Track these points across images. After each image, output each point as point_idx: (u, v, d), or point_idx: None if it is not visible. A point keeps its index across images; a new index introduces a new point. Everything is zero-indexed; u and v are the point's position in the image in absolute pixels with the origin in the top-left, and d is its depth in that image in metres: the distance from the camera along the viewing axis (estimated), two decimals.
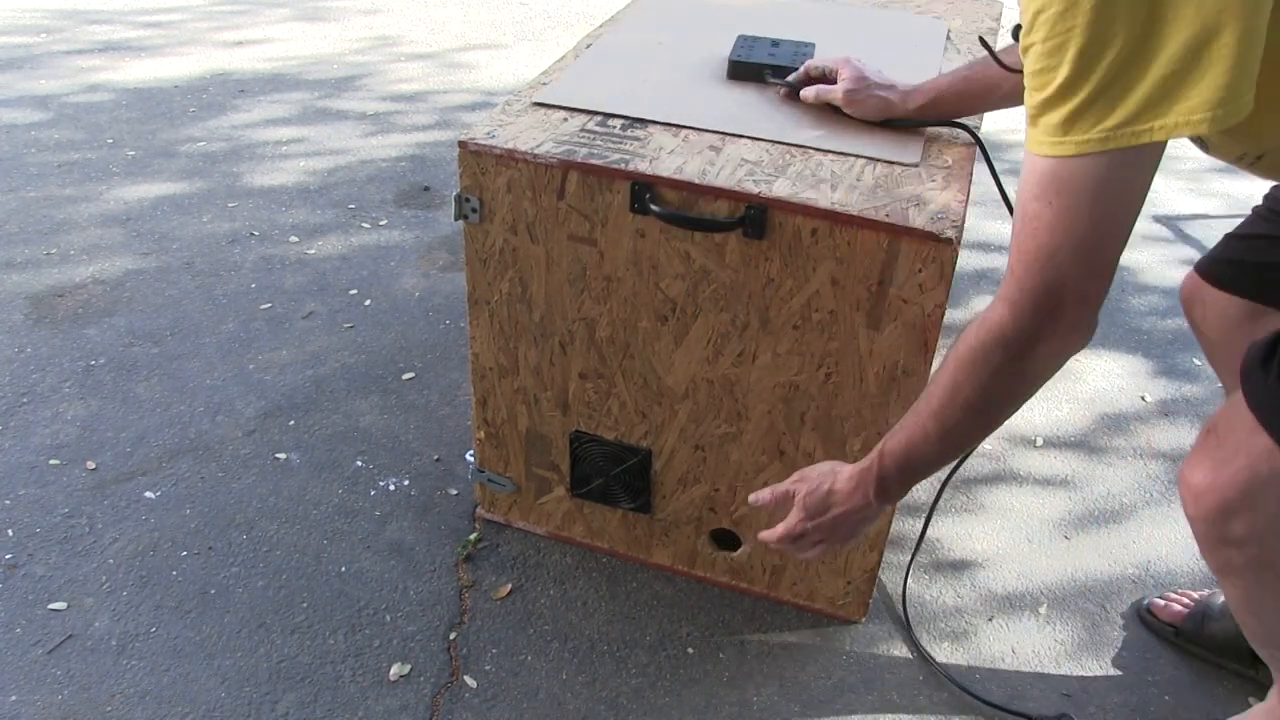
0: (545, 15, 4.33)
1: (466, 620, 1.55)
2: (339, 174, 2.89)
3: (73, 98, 3.29)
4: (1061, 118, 0.82)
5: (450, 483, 1.81)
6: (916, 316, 1.25)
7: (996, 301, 0.96)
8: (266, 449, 1.87)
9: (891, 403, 1.32)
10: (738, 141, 1.36)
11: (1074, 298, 0.90)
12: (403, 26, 4.13)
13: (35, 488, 1.76)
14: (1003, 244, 2.65)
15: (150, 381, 2.02)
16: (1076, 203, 0.85)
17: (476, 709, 1.42)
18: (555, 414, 1.53)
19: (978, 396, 0.99)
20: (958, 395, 1.00)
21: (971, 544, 1.73)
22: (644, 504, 1.56)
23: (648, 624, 1.56)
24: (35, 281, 2.32)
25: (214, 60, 3.66)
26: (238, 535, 1.68)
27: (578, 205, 1.32)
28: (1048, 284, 0.90)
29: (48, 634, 1.50)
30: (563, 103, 1.44)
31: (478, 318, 1.48)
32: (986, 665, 1.52)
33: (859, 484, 1.15)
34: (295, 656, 1.48)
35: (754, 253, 1.27)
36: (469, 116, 3.30)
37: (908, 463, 1.09)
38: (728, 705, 1.45)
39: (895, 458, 1.10)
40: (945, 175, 1.30)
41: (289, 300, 2.30)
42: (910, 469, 1.10)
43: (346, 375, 2.07)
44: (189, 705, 1.41)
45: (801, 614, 1.59)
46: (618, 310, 1.39)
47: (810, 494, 1.20)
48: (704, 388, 1.41)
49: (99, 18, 4.06)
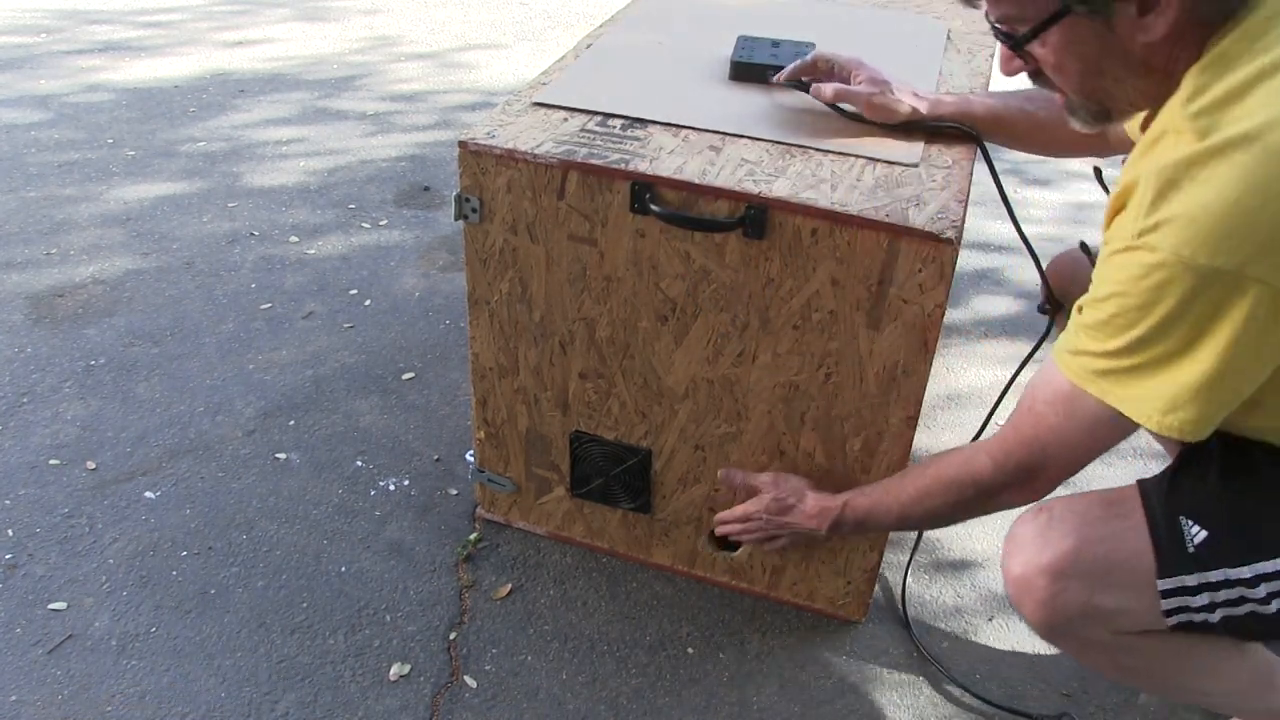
0: (545, 15, 4.33)
1: (466, 620, 1.55)
2: (339, 174, 2.89)
3: (73, 98, 3.29)
4: (1098, 367, 0.96)
5: (450, 483, 1.81)
6: (916, 316, 1.25)
7: (983, 453, 1.12)
8: (266, 449, 1.87)
9: (891, 403, 1.32)
10: (738, 141, 1.36)
11: (1047, 479, 1.08)
12: (403, 26, 4.13)
13: (35, 488, 1.76)
14: (1002, 244, 2.65)
15: (150, 381, 2.02)
16: (1079, 426, 1.01)
17: (476, 709, 1.42)
18: (555, 414, 1.53)
19: (941, 510, 1.19)
20: (926, 501, 1.20)
21: (971, 544, 1.73)
22: (644, 504, 1.56)
23: (648, 624, 1.56)
24: (35, 281, 2.32)
25: (214, 60, 3.66)
26: (238, 535, 1.68)
27: (578, 205, 1.32)
28: (1032, 465, 1.07)
29: (48, 634, 1.50)
30: (563, 103, 1.44)
31: (478, 318, 1.48)
32: (986, 665, 1.52)
33: (819, 514, 1.35)
34: (295, 656, 1.48)
35: (754, 253, 1.27)
36: (469, 116, 3.30)
37: (864, 521, 1.31)
38: (728, 705, 1.45)
39: (856, 514, 1.31)
40: (945, 175, 1.30)
41: (289, 300, 2.30)
42: (864, 527, 1.33)
43: (346, 375, 2.07)
44: (189, 705, 1.41)
45: (801, 614, 1.59)
46: (618, 310, 1.39)
47: (778, 498, 1.40)
48: (704, 388, 1.41)
49: (99, 18, 4.06)
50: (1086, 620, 1.08)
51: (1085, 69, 0.99)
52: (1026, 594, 1.09)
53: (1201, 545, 1.02)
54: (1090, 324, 0.97)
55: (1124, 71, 0.98)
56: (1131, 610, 1.06)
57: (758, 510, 1.42)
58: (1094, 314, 0.96)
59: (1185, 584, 1.02)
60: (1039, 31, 0.97)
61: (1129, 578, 1.04)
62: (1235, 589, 1.01)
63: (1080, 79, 1.00)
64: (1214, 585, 1.02)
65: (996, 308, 2.40)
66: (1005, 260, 2.59)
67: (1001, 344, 2.26)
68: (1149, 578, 1.03)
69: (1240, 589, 1.01)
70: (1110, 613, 1.06)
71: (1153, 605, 1.04)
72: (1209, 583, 1.02)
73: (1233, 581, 1.01)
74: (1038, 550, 1.07)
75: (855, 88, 1.38)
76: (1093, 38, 0.96)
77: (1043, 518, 1.09)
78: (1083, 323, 0.98)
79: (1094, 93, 1.01)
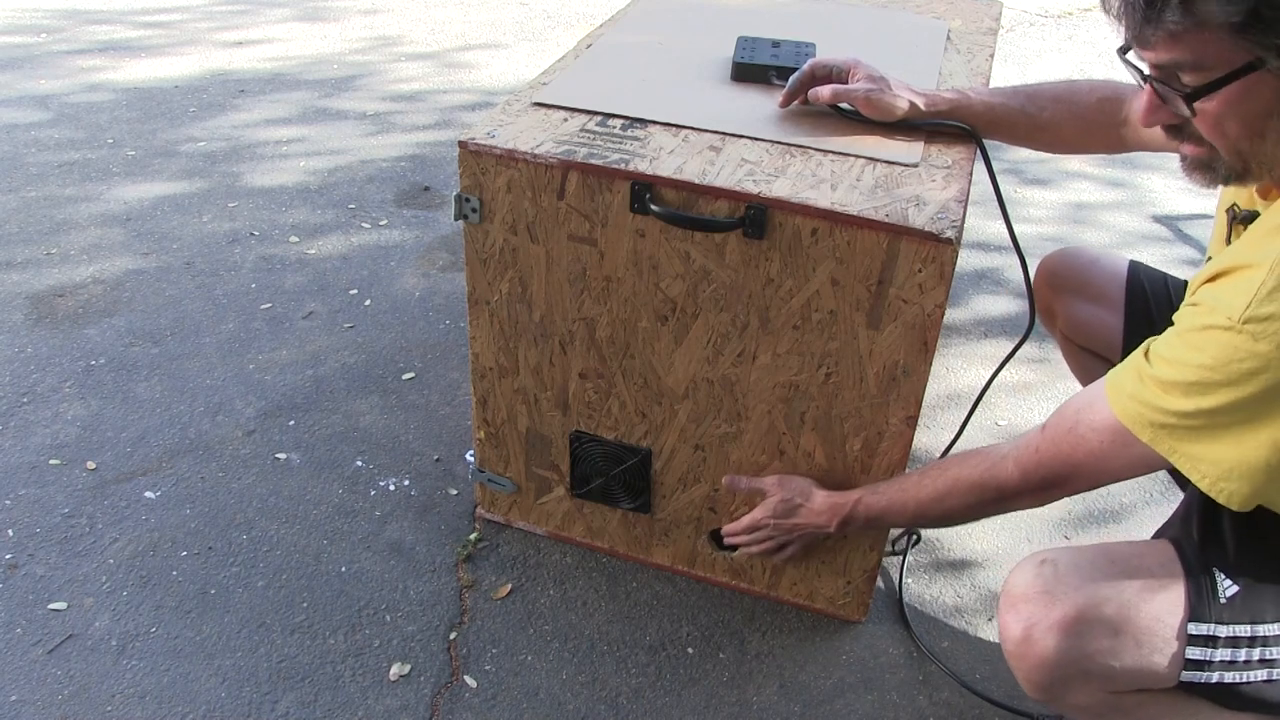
0: (545, 15, 4.33)
1: (466, 620, 1.55)
2: (339, 174, 2.89)
3: (73, 98, 3.29)
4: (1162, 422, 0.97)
5: (450, 483, 1.81)
6: (916, 316, 1.25)
7: (1010, 461, 1.13)
8: (266, 449, 1.87)
9: (891, 403, 1.33)
10: (738, 141, 1.36)
11: (1069, 490, 1.10)
12: (403, 26, 4.13)
13: (35, 488, 1.76)
14: (1002, 244, 2.65)
15: (150, 381, 2.03)
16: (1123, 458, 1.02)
17: (476, 709, 1.42)
18: (555, 414, 1.53)
19: (957, 511, 1.21)
20: (944, 502, 1.20)
21: (971, 544, 1.73)
22: (644, 504, 1.56)
23: (648, 624, 1.56)
24: (35, 281, 2.32)
25: (214, 60, 3.66)
26: (238, 535, 1.68)
27: (578, 205, 1.32)
28: (1060, 476, 1.08)
29: (48, 634, 1.50)
30: (563, 103, 1.44)
31: (478, 318, 1.48)
32: (987, 665, 1.52)
33: (829, 511, 1.35)
34: (295, 656, 1.48)
35: (754, 253, 1.27)
36: (469, 116, 3.30)
37: (877, 519, 1.32)
38: (728, 705, 1.45)
39: (870, 510, 1.31)
40: (945, 175, 1.30)
41: (289, 300, 2.30)
42: (876, 524, 1.33)
43: (346, 375, 2.07)
44: (189, 705, 1.41)
45: (801, 614, 1.59)
46: (618, 310, 1.39)
47: (784, 499, 1.39)
48: (704, 388, 1.41)
49: (99, 18, 4.06)
50: (1089, 678, 1.06)
51: (1246, 130, 0.91)
52: (1030, 650, 1.06)
53: (1232, 598, 1.03)
54: (1164, 380, 0.96)
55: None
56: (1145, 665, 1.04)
57: (765, 516, 1.42)
58: (1170, 373, 0.95)
59: (1215, 634, 1.02)
60: (1221, 85, 0.88)
61: (1153, 626, 1.03)
62: (1256, 648, 1.01)
63: (1238, 139, 0.92)
64: (1238, 640, 1.02)
65: (996, 308, 2.40)
66: (1005, 260, 2.59)
67: (1001, 344, 2.26)
68: (1177, 624, 1.02)
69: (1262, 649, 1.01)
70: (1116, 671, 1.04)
71: (1169, 657, 1.03)
72: (1237, 637, 1.02)
73: (1258, 639, 1.01)
74: (1045, 608, 1.04)
75: (852, 86, 1.37)
76: (1271, 96, 0.88)
77: (1046, 571, 1.06)
78: (1153, 375, 0.97)
79: (1245, 154, 0.94)
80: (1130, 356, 1.02)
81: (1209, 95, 0.89)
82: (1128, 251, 2.58)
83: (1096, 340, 1.51)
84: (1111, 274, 1.50)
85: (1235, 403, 0.91)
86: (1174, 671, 1.03)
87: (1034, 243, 2.70)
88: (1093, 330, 1.51)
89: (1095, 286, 1.50)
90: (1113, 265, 1.51)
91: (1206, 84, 0.89)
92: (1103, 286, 1.50)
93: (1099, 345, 1.51)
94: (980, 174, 1.38)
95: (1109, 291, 1.49)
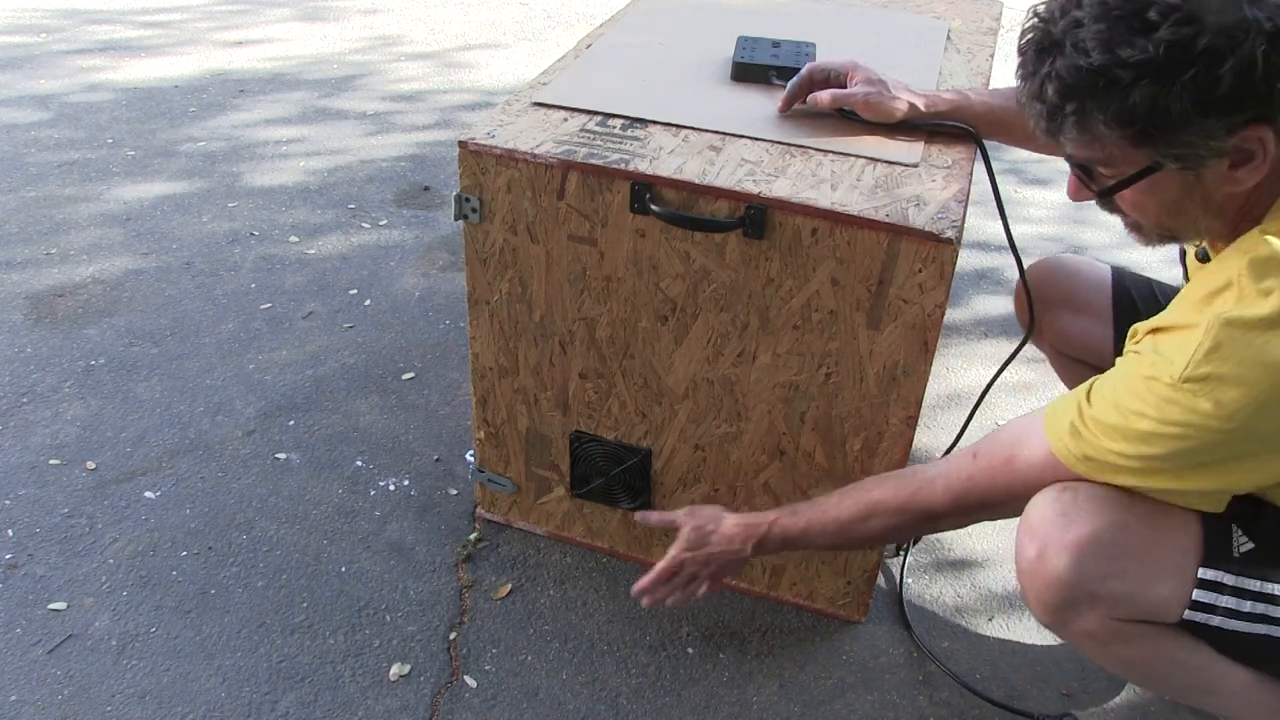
0: (545, 15, 4.33)
1: (466, 620, 1.55)
2: (339, 174, 2.89)
3: (73, 98, 3.29)
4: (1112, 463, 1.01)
5: (450, 483, 1.81)
6: (916, 316, 1.25)
7: (940, 486, 1.16)
8: (266, 449, 1.87)
9: (891, 403, 1.32)
10: (738, 141, 1.36)
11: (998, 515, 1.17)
12: (403, 26, 4.13)
13: (35, 488, 1.76)
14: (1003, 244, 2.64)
15: (150, 381, 2.02)
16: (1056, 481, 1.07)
17: (476, 709, 1.42)
18: (555, 414, 1.53)
19: (881, 532, 1.22)
20: (867, 523, 1.21)
21: (971, 544, 1.73)
22: (644, 504, 1.56)
23: (648, 624, 1.56)
24: (35, 281, 2.32)
25: (214, 60, 3.66)
26: (238, 535, 1.68)
27: (578, 205, 1.32)
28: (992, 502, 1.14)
29: (48, 634, 1.50)
30: (563, 103, 1.44)
31: (478, 318, 1.48)
32: (987, 665, 1.52)
33: (742, 534, 1.30)
34: (295, 656, 1.48)
35: (754, 253, 1.27)
36: (469, 116, 3.30)
37: (796, 540, 1.28)
38: (728, 705, 1.45)
39: (786, 532, 1.27)
40: (945, 175, 1.30)
41: (289, 300, 2.30)
42: (794, 545, 1.29)
43: (346, 375, 2.07)
44: (189, 705, 1.41)
45: (801, 614, 1.59)
46: (618, 310, 1.39)
47: (696, 529, 1.32)
48: (704, 388, 1.41)
49: (99, 18, 4.06)
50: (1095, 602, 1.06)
51: (1164, 211, 1.00)
52: (1043, 568, 1.07)
53: (1247, 554, 1.04)
54: (1105, 423, 1.00)
55: (1202, 213, 1.00)
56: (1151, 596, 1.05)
57: (679, 552, 1.32)
58: (1112, 417, 0.99)
59: (1223, 581, 1.03)
60: (1127, 184, 0.99)
61: (1165, 559, 1.04)
62: (1262, 603, 1.03)
63: (1158, 218, 1.02)
64: (1245, 593, 1.03)
65: (996, 308, 2.40)
66: (1005, 260, 2.59)
67: (1001, 344, 2.26)
68: (1188, 563, 1.03)
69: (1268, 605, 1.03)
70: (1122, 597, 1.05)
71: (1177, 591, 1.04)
72: (1244, 589, 1.03)
73: (1265, 595, 1.03)
74: (1060, 529, 1.05)
75: (851, 90, 1.38)
76: (1179, 188, 0.97)
77: (1065, 497, 1.07)
78: (1094, 416, 1.01)
79: (1170, 228, 1.04)
80: (1072, 393, 1.06)
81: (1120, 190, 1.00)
82: (1127, 252, 2.58)
83: (1088, 351, 1.50)
84: (1096, 284, 1.50)
85: (1188, 452, 0.96)
86: (1179, 608, 1.05)
87: (1033, 243, 2.70)
88: (1082, 342, 1.51)
89: (1080, 298, 1.50)
90: (1096, 275, 1.51)
91: (1117, 182, 0.99)
92: (1088, 298, 1.50)
93: (1090, 356, 1.50)
94: (980, 174, 1.38)
95: (1095, 302, 1.49)
